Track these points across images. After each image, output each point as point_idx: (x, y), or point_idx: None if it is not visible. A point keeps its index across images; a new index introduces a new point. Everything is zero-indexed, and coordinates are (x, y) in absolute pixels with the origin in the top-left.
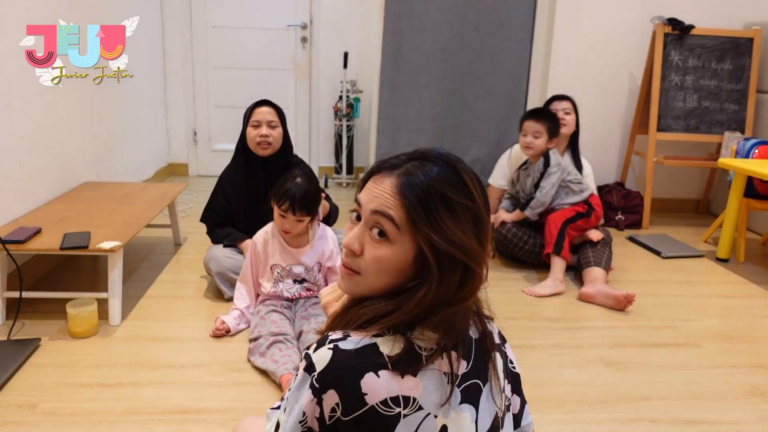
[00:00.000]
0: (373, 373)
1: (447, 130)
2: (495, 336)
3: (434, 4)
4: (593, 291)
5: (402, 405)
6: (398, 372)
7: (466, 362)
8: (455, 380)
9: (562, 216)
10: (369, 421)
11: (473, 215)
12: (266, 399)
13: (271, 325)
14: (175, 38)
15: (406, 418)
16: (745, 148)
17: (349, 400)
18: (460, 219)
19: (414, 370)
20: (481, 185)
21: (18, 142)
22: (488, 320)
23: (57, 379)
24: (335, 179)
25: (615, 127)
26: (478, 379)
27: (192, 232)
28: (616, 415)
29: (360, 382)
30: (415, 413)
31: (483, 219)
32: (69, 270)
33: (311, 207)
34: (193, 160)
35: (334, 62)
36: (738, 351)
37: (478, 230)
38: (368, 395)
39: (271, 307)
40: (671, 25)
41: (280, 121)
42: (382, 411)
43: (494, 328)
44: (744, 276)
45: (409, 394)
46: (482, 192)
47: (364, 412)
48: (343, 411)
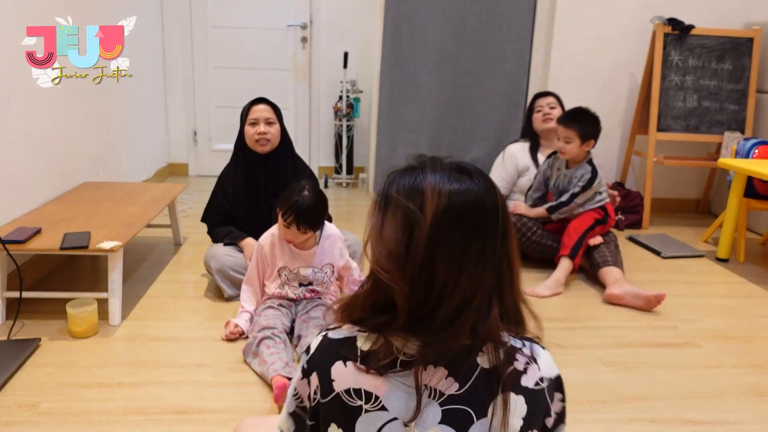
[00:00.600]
0: (342, 363)
1: (447, 130)
2: (526, 379)
3: (434, 4)
4: (621, 292)
5: (364, 399)
6: (364, 366)
7: (459, 385)
8: (421, 392)
9: (584, 224)
10: (338, 407)
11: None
12: (266, 399)
13: (262, 319)
14: (175, 38)
15: (367, 414)
16: (745, 148)
17: (324, 383)
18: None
19: (380, 369)
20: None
21: (18, 142)
22: (529, 361)
23: (57, 379)
24: (335, 179)
25: (615, 127)
26: (470, 408)
27: (192, 232)
28: (616, 415)
29: (331, 368)
30: (377, 412)
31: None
32: (69, 270)
33: (316, 222)
34: (193, 160)
35: (334, 62)
36: (738, 351)
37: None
38: (335, 382)
39: (269, 303)
40: (671, 25)
41: (277, 118)
42: (346, 400)
43: (535, 374)
44: (744, 276)
45: (372, 391)
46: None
47: (334, 397)
48: (321, 393)
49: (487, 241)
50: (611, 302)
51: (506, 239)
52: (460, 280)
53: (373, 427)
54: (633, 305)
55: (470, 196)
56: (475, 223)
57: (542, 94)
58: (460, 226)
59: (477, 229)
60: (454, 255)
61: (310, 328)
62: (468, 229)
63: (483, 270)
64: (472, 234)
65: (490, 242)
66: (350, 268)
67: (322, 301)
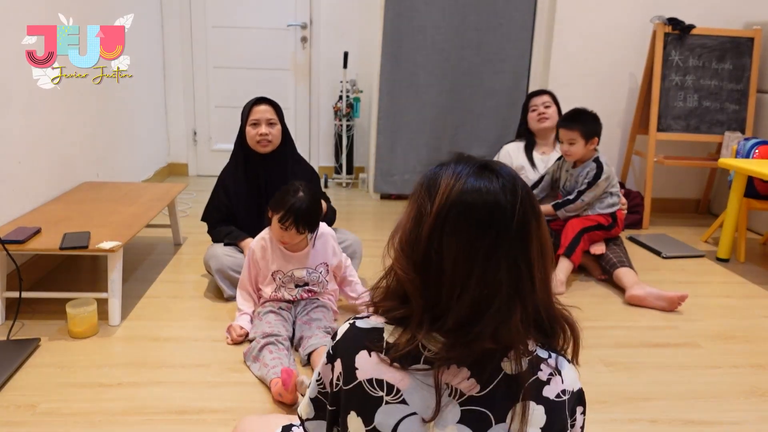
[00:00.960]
0: (366, 352)
1: (447, 130)
2: (548, 390)
3: (434, 4)
4: (643, 293)
5: (385, 391)
6: (388, 359)
7: (480, 387)
8: (440, 390)
9: (581, 223)
10: (359, 396)
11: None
12: (266, 399)
13: (265, 325)
14: (175, 38)
15: (387, 405)
16: (746, 148)
17: (347, 371)
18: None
19: (403, 362)
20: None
21: (18, 142)
22: (553, 372)
23: (57, 379)
24: (335, 179)
25: (615, 127)
26: (489, 411)
27: (192, 232)
28: (616, 415)
29: (355, 357)
30: (397, 404)
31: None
32: (69, 270)
33: (315, 222)
34: (192, 160)
35: (334, 62)
36: (738, 351)
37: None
38: (359, 370)
39: (269, 307)
40: (671, 25)
41: (278, 118)
42: (368, 389)
43: (558, 386)
44: (744, 276)
45: (394, 383)
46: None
47: (356, 386)
48: (344, 380)
49: (499, 241)
50: (633, 303)
51: (525, 242)
52: (470, 277)
53: (392, 419)
54: (655, 306)
55: (483, 193)
56: (484, 220)
57: (537, 92)
58: (467, 221)
59: (485, 226)
60: (460, 249)
61: (312, 329)
62: (476, 224)
63: (495, 270)
64: (479, 230)
65: (502, 242)
66: (344, 267)
67: (322, 302)
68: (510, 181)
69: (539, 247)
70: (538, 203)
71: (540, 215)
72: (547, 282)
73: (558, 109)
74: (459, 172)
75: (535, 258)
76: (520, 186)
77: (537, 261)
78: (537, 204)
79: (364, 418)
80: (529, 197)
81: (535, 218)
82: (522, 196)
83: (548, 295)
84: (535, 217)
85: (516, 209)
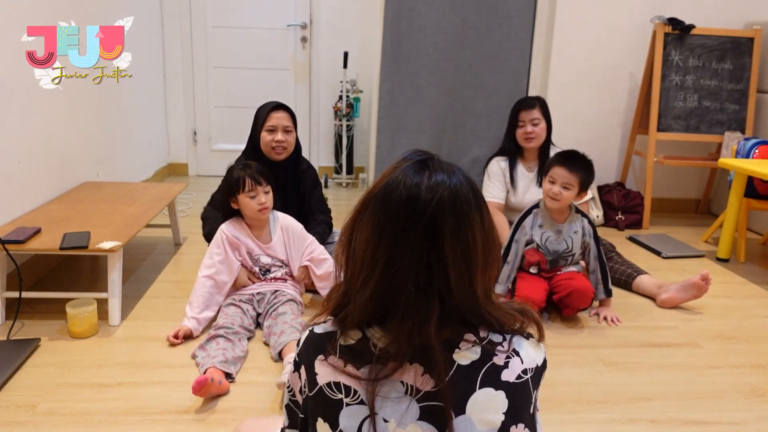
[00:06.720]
0: (324, 357)
1: (447, 130)
2: (507, 374)
3: (434, 4)
4: (672, 294)
5: (344, 393)
6: (342, 360)
7: (435, 382)
8: (374, 387)
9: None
10: (322, 401)
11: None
12: (266, 399)
13: (222, 317)
14: (175, 38)
15: (348, 407)
16: (746, 148)
17: (310, 377)
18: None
19: (356, 362)
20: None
21: (18, 142)
22: (510, 355)
23: (57, 379)
24: (335, 179)
25: (615, 127)
26: (447, 405)
27: (192, 232)
28: (616, 415)
29: (315, 362)
30: (357, 405)
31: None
32: (69, 270)
33: (267, 174)
34: (192, 160)
35: (334, 62)
36: (738, 351)
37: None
38: (318, 375)
39: (230, 301)
40: (671, 25)
41: (293, 126)
42: (329, 394)
43: (517, 367)
44: (744, 276)
45: (350, 384)
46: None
47: (318, 391)
48: (308, 387)
49: (407, 232)
50: (667, 307)
51: (437, 239)
52: (376, 263)
53: (354, 421)
54: (687, 299)
55: (405, 186)
56: (394, 209)
57: (526, 105)
58: (382, 208)
59: (395, 215)
60: (369, 234)
61: (279, 325)
62: (387, 212)
63: (401, 260)
64: (388, 217)
65: (409, 233)
66: (310, 250)
67: (290, 296)
68: (441, 181)
69: (462, 248)
70: (473, 209)
71: (471, 220)
72: (472, 284)
73: (548, 122)
74: (404, 167)
75: (453, 258)
76: (450, 188)
77: (456, 262)
78: (467, 209)
79: (330, 423)
80: (454, 199)
81: (456, 219)
82: (442, 194)
83: (472, 298)
84: (456, 218)
85: (430, 204)
